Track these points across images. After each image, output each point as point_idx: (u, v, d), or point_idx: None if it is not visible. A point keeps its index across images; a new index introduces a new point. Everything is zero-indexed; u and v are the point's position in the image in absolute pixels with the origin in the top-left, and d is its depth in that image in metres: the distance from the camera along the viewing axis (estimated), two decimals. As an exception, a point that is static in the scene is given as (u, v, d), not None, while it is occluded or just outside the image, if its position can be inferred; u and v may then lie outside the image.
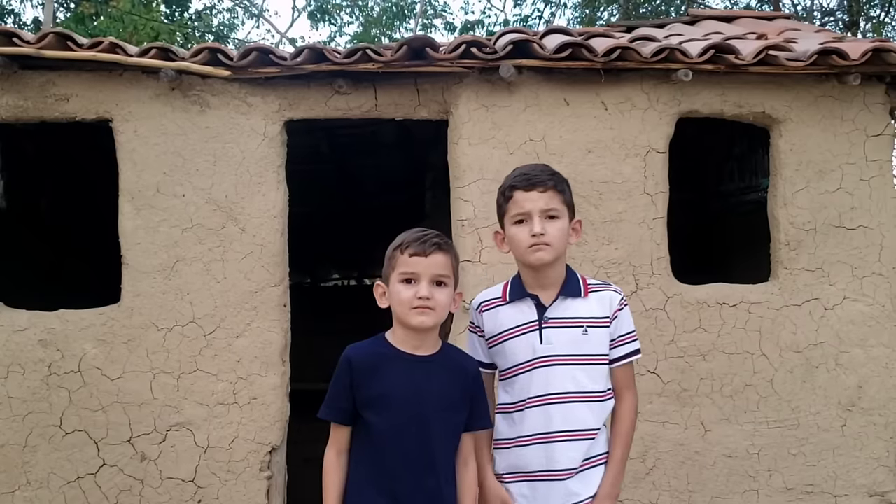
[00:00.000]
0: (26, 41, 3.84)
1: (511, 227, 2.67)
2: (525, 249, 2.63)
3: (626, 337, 2.74)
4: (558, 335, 2.67)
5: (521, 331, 2.69)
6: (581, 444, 2.66)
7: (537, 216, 2.61)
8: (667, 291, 4.11)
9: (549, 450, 2.65)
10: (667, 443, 4.11)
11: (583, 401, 2.66)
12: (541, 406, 2.66)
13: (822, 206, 4.21)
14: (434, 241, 2.50)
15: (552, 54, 3.96)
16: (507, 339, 2.71)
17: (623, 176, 4.11)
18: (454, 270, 2.55)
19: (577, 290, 2.71)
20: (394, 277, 2.52)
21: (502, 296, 2.76)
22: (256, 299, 3.98)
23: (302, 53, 3.90)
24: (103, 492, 3.92)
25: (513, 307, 2.73)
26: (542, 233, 2.59)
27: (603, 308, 2.71)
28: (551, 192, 2.64)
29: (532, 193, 2.62)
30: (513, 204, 2.65)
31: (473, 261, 4.00)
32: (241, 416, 3.96)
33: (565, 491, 2.65)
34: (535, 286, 2.71)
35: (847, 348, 4.21)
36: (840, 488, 4.20)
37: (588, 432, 2.67)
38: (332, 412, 2.57)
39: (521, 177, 2.67)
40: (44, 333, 3.92)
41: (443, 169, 4.32)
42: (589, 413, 2.67)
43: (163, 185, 3.97)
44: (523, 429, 2.68)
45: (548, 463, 2.65)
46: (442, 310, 2.51)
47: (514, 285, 2.75)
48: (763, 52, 4.03)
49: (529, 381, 2.67)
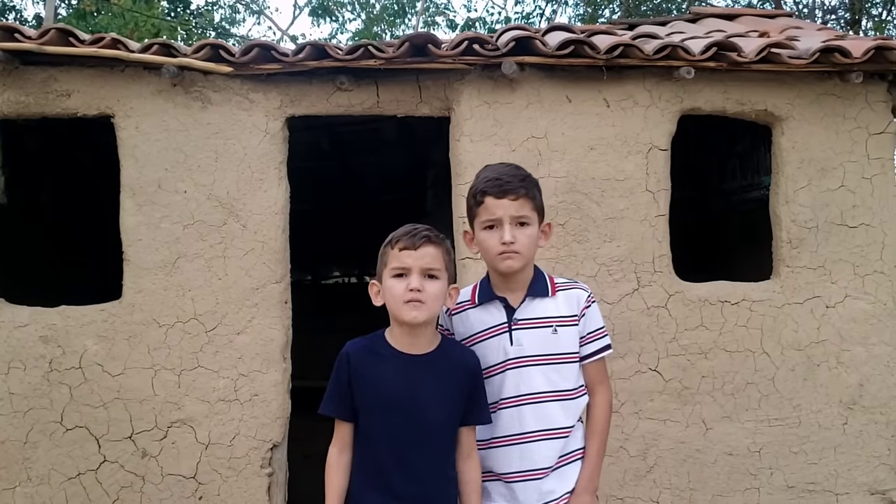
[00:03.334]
0: (28, 37, 3.83)
1: (481, 232, 2.68)
2: (494, 256, 2.65)
3: (595, 333, 2.77)
4: (528, 336, 2.69)
5: (491, 333, 2.72)
6: (555, 442, 2.69)
7: (508, 224, 2.62)
8: (668, 289, 4.11)
9: (523, 450, 2.68)
10: (668, 441, 4.11)
11: (555, 399, 2.70)
12: (514, 407, 2.69)
13: (824, 203, 4.21)
14: (424, 234, 2.50)
15: (554, 51, 3.95)
16: (478, 341, 2.73)
17: (625, 173, 4.11)
18: (446, 264, 2.55)
19: (545, 289, 2.74)
20: (386, 273, 2.53)
21: (471, 299, 2.78)
22: (258, 296, 3.98)
23: (304, 50, 3.90)
24: (104, 488, 3.92)
25: (481, 310, 2.75)
26: (512, 241, 2.61)
27: (570, 306, 2.74)
28: (522, 199, 2.64)
29: (503, 201, 2.63)
30: (483, 209, 2.66)
31: (475, 258, 3.99)
32: (242, 412, 3.96)
33: (539, 490, 2.68)
34: (504, 288, 2.73)
35: (849, 346, 4.21)
36: (841, 486, 4.20)
37: (562, 430, 2.70)
38: (331, 408, 2.58)
39: (492, 182, 2.66)
40: (45, 329, 3.91)
41: (444, 166, 4.32)
42: (562, 412, 2.70)
43: (164, 182, 3.97)
44: (497, 430, 2.71)
45: (522, 463, 2.68)
46: (434, 303, 2.51)
47: (483, 288, 2.78)
48: (765, 49, 4.02)
49: (502, 383, 2.70)
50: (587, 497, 2.71)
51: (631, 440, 4.08)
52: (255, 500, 3.96)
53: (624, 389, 4.05)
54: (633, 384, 4.07)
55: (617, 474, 4.06)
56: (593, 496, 2.74)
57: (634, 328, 4.07)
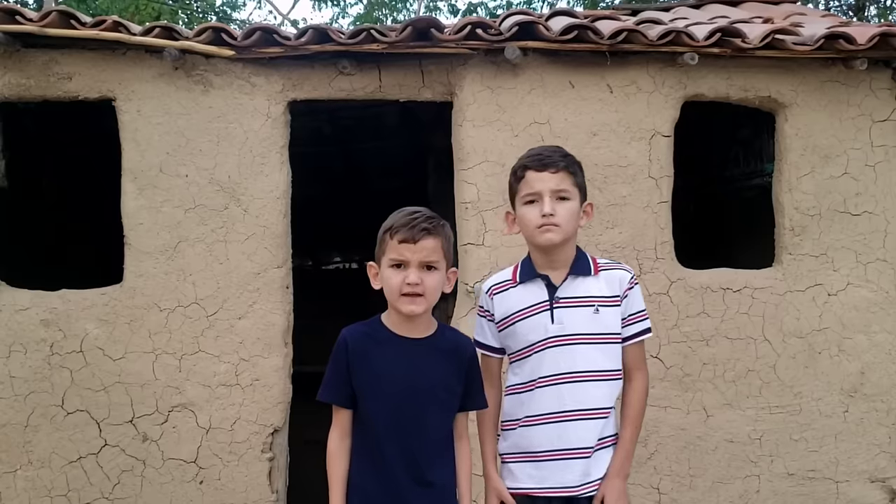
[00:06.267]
0: (29, 19, 3.82)
1: (521, 208, 2.66)
2: (534, 230, 2.62)
3: (636, 315, 2.73)
4: (569, 314, 2.66)
5: (532, 311, 2.68)
6: (593, 423, 2.65)
7: (548, 197, 2.60)
8: (670, 276, 4.11)
9: (561, 429, 2.64)
10: (669, 427, 4.11)
11: (594, 379, 2.65)
12: (552, 385, 2.65)
13: (827, 191, 4.20)
14: (423, 225, 2.47)
15: (558, 36, 3.93)
16: (518, 320, 2.70)
17: (628, 159, 4.09)
18: (445, 252, 2.53)
19: (587, 268, 2.70)
20: (384, 261, 2.51)
21: (512, 278, 2.75)
22: (259, 281, 3.97)
23: (306, 34, 3.88)
24: (105, 472, 3.92)
25: (523, 288, 2.72)
26: (551, 213, 2.58)
27: (613, 287, 2.70)
28: (563, 173, 2.62)
29: (544, 174, 2.61)
30: (524, 184, 2.64)
31: (477, 244, 3.99)
32: (243, 397, 3.96)
33: (582, 471, 2.64)
34: (546, 266, 2.70)
35: (850, 334, 4.21)
36: (841, 474, 4.21)
37: (600, 411, 2.66)
38: (330, 394, 2.57)
39: (533, 157, 2.66)
40: (46, 313, 3.91)
41: (446, 152, 4.30)
42: (600, 392, 2.66)
43: (166, 166, 3.96)
44: (531, 408, 2.68)
45: (559, 442, 2.64)
46: (432, 294, 2.50)
47: (525, 267, 2.74)
48: (769, 35, 4.00)
49: (541, 361, 2.66)
50: (619, 482, 2.68)
51: (632, 427, 4.08)
52: (255, 484, 3.97)
53: (625, 376, 4.05)
54: (634, 371, 4.07)
55: (617, 461, 4.06)
56: (624, 481, 2.71)
57: (636, 315, 4.06)
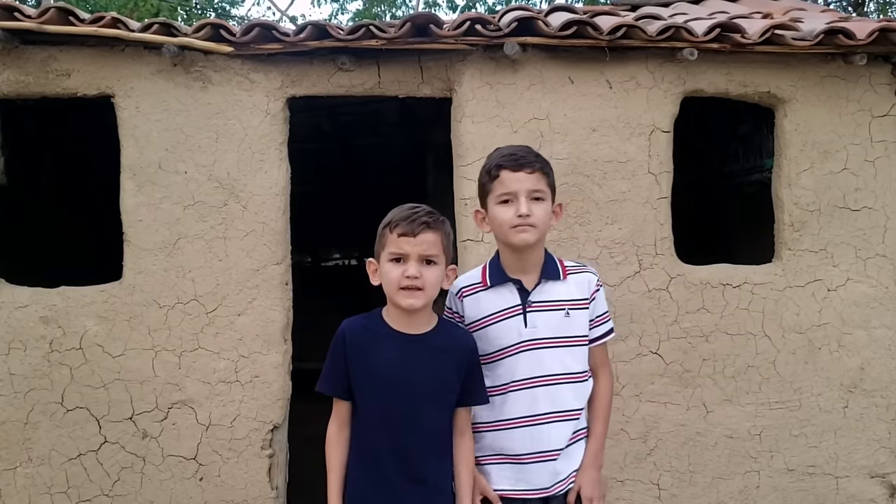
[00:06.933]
0: (27, 16, 3.80)
1: (495, 207, 2.67)
2: (509, 230, 2.64)
3: (602, 317, 2.82)
4: (542, 318, 2.70)
5: (506, 315, 2.72)
6: (567, 424, 2.72)
7: (524, 197, 2.62)
8: (670, 272, 4.10)
9: (535, 432, 2.69)
10: (668, 423, 4.11)
11: (567, 382, 2.72)
12: (527, 389, 2.70)
13: (827, 186, 4.20)
14: (423, 219, 2.48)
15: (557, 32, 3.92)
16: (490, 323, 2.72)
17: (627, 155, 4.09)
18: (445, 247, 2.54)
19: (557, 273, 2.75)
20: (383, 256, 2.52)
21: (482, 280, 2.77)
22: (258, 277, 3.97)
23: (305, 30, 3.87)
24: (105, 469, 3.92)
25: (494, 292, 2.74)
26: (528, 213, 2.60)
27: (582, 290, 2.76)
28: (538, 173, 2.65)
29: (520, 174, 2.63)
30: (498, 183, 2.65)
31: (476, 240, 3.98)
32: (242, 394, 3.96)
33: (552, 471, 2.71)
34: (517, 270, 2.72)
35: (850, 330, 4.21)
36: (841, 469, 4.21)
37: (572, 412, 2.73)
38: (329, 386, 2.58)
39: (508, 157, 2.67)
40: (45, 310, 3.91)
41: (445, 148, 4.30)
42: (573, 394, 2.73)
43: (164, 162, 3.95)
44: (505, 412, 2.72)
45: (533, 445, 2.70)
46: (431, 289, 2.51)
47: (494, 269, 2.77)
48: (769, 31, 4.00)
49: (515, 365, 2.70)
50: (594, 472, 2.75)
51: (631, 423, 4.08)
52: (255, 481, 3.97)
53: (625, 372, 4.05)
54: (634, 367, 4.07)
55: (617, 457, 4.07)
56: (599, 471, 2.77)
57: (636, 311, 4.06)
